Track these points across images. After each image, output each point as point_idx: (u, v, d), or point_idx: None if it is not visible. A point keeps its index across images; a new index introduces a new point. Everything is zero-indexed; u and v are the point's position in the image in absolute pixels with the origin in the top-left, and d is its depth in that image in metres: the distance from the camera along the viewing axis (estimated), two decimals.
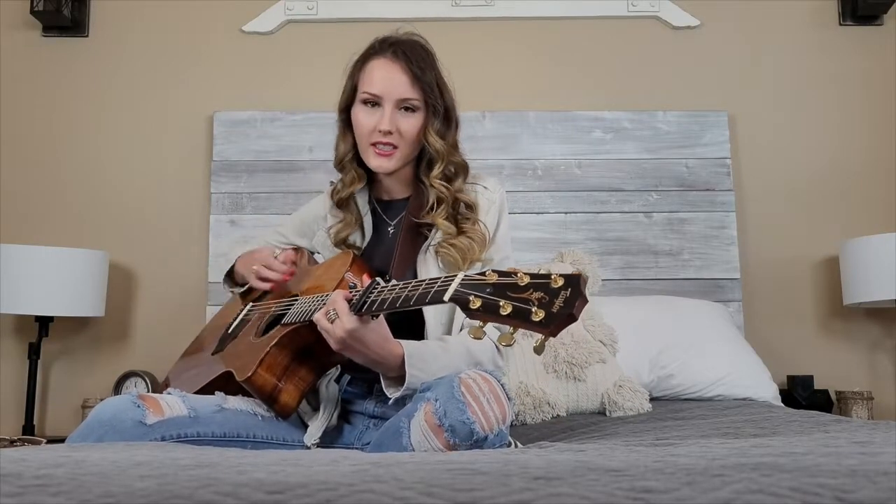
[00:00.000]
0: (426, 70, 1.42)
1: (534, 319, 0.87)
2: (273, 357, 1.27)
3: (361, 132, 1.44)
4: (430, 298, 1.00)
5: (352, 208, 1.51)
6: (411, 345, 1.24)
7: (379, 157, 1.42)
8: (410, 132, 1.42)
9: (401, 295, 1.06)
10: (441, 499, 0.57)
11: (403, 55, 1.42)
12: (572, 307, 0.86)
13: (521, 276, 0.91)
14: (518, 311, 0.89)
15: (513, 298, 0.90)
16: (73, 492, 0.59)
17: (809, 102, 2.71)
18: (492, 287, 0.93)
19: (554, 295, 0.87)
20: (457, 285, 0.97)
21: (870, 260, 2.33)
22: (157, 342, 2.53)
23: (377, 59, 1.43)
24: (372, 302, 1.11)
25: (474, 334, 0.94)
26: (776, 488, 0.57)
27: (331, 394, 1.36)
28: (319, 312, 1.19)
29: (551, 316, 0.86)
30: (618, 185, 2.62)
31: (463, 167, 1.47)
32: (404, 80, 1.41)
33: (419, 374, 1.20)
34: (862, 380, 2.54)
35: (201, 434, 1.24)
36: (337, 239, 1.50)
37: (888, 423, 1.39)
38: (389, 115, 1.40)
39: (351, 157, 1.49)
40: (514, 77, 2.72)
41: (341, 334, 1.15)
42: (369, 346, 1.19)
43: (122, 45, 2.75)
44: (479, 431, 1.07)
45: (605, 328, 2.12)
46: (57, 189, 2.66)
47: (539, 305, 0.88)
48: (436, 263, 1.40)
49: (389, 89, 1.40)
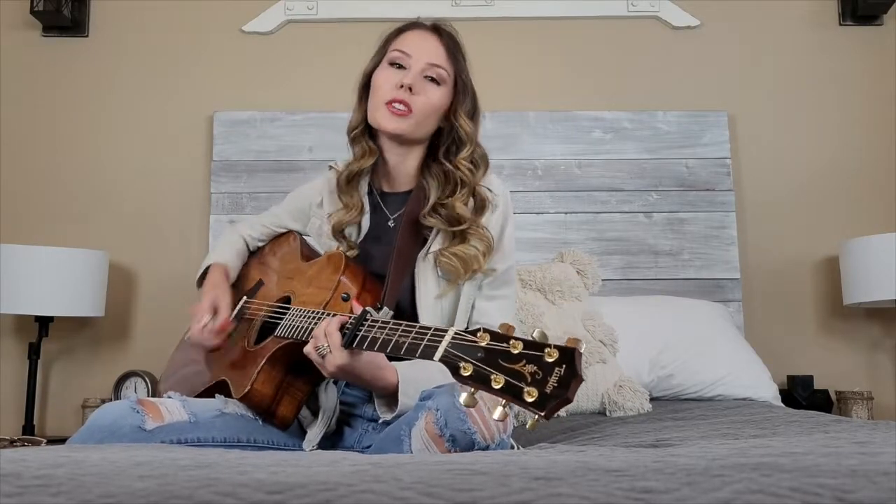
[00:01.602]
0: (459, 50, 1.42)
1: (527, 400, 0.82)
2: (267, 373, 1.26)
3: (379, 90, 1.37)
4: (420, 353, 0.97)
5: (357, 191, 1.44)
6: (407, 371, 1.22)
7: (391, 117, 1.35)
8: (431, 102, 1.37)
9: (391, 339, 1.04)
10: (441, 499, 0.57)
11: (444, 32, 1.42)
12: (567, 388, 0.81)
13: (514, 342, 0.86)
14: (510, 386, 0.84)
15: (505, 370, 0.85)
16: (73, 492, 0.59)
17: (809, 102, 2.71)
18: (483, 352, 0.88)
19: (548, 371, 0.82)
20: (447, 344, 0.93)
21: (870, 260, 2.33)
22: (157, 342, 2.52)
23: (415, 30, 1.43)
24: (363, 338, 1.09)
25: (467, 402, 0.88)
26: (776, 488, 0.57)
27: (329, 399, 1.34)
28: (311, 345, 1.17)
29: (545, 397, 0.82)
30: (618, 185, 2.62)
31: (485, 160, 1.43)
32: (440, 48, 1.39)
33: (411, 402, 1.18)
34: (862, 380, 2.54)
35: (202, 439, 1.24)
36: (338, 226, 1.43)
37: (888, 423, 1.39)
38: (415, 74, 1.36)
39: (361, 130, 1.43)
40: (514, 77, 2.72)
41: (333, 369, 1.14)
42: (363, 376, 1.18)
43: (122, 45, 2.75)
44: (480, 441, 1.06)
45: (605, 328, 2.12)
46: (57, 189, 2.66)
47: (531, 382, 0.83)
48: (434, 272, 1.36)
49: (421, 50, 1.38)
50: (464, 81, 1.41)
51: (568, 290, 2.17)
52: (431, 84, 1.38)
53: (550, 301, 2.15)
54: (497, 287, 1.41)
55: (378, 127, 1.39)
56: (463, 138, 1.39)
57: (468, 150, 1.39)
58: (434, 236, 1.39)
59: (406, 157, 1.43)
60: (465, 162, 1.38)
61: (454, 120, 1.39)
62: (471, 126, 1.40)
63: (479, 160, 1.42)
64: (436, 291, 1.36)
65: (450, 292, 1.37)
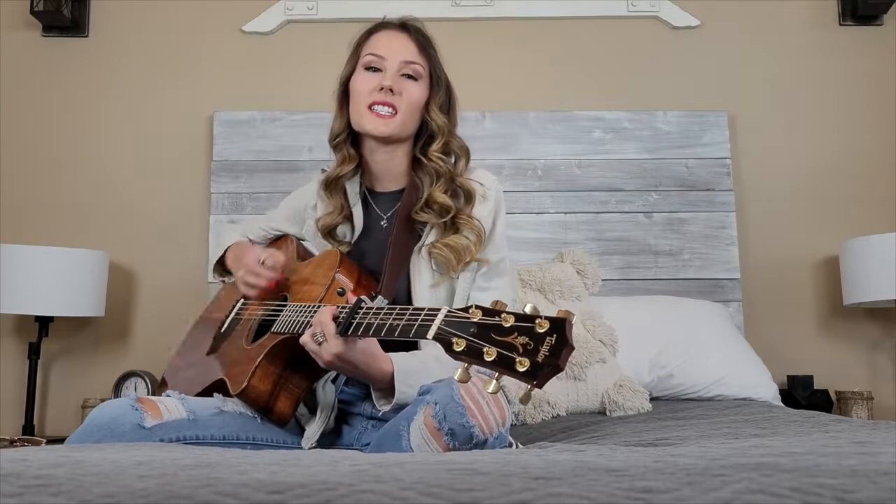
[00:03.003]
0: (430, 45, 1.44)
1: (518, 369, 0.83)
2: (264, 368, 1.27)
3: (359, 95, 1.39)
4: (414, 332, 0.98)
5: (340, 194, 1.46)
6: (402, 360, 1.22)
7: (376, 120, 1.37)
8: (413, 99, 1.39)
9: (385, 322, 1.05)
10: (441, 499, 0.57)
11: (411, 28, 1.44)
12: (558, 357, 0.82)
13: (506, 316, 0.87)
14: (502, 357, 0.85)
15: (497, 343, 0.86)
16: (73, 492, 0.59)
17: (809, 102, 2.71)
18: (476, 327, 0.89)
19: (539, 341, 0.83)
20: (440, 321, 0.94)
21: (870, 260, 2.33)
22: (157, 342, 2.52)
23: (384, 30, 1.44)
24: (358, 325, 1.10)
25: (461, 378, 0.89)
26: (776, 488, 0.57)
27: (327, 396, 1.35)
28: (307, 334, 1.17)
29: (536, 366, 0.82)
30: (618, 185, 2.62)
31: (464, 150, 1.44)
32: (411, 45, 1.41)
33: (409, 390, 1.19)
34: (862, 380, 2.54)
35: (200, 437, 1.24)
36: (325, 229, 1.45)
37: (888, 423, 1.39)
38: (392, 74, 1.38)
39: (345, 137, 1.45)
40: (514, 77, 2.72)
41: (329, 357, 1.15)
42: (358, 365, 1.18)
43: (122, 45, 2.75)
44: (478, 435, 1.07)
45: (605, 328, 2.12)
46: (57, 189, 2.66)
47: (524, 353, 0.84)
48: (429, 265, 1.38)
49: (394, 50, 1.40)
50: (437, 75, 1.43)
51: (568, 290, 2.17)
52: (409, 81, 1.40)
53: (550, 301, 2.15)
54: (490, 278, 1.42)
55: (365, 132, 1.40)
56: (435, 131, 1.42)
57: (440, 141, 1.41)
58: (428, 231, 1.40)
59: (393, 156, 1.44)
60: (436, 153, 1.40)
61: (427, 114, 1.41)
62: (442, 119, 1.41)
63: (456, 150, 1.44)
64: (430, 282, 1.38)
65: (444, 283, 1.38)
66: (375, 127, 1.38)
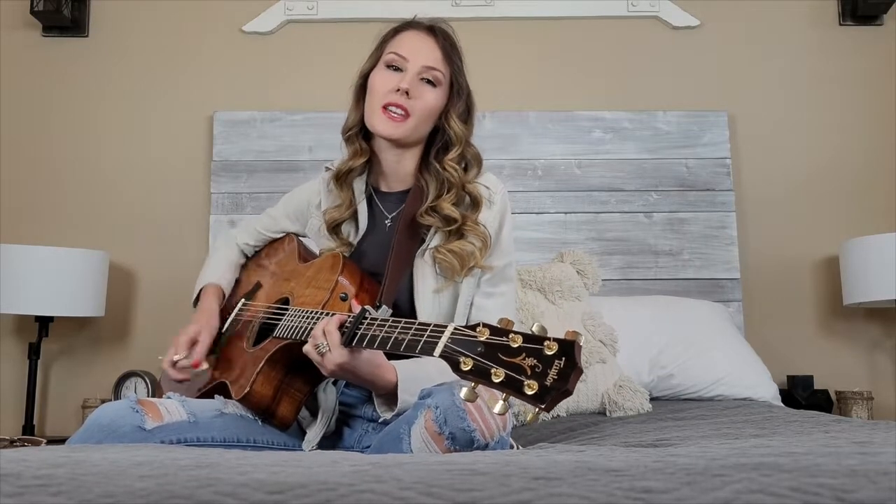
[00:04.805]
0: (456, 52, 1.42)
1: (527, 392, 0.82)
2: (266, 374, 1.27)
3: (376, 93, 1.38)
4: (420, 348, 0.97)
5: (349, 189, 1.45)
6: (405, 368, 1.22)
7: (387, 122, 1.36)
8: (427, 105, 1.37)
9: (391, 336, 1.04)
10: (441, 499, 0.57)
11: (440, 32, 1.42)
12: (566, 380, 0.81)
13: (514, 336, 0.86)
14: (511, 379, 0.84)
15: (505, 364, 0.85)
16: (73, 492, 0.59)
17: (809, 102, 2.71)
18: (483, 346, 0.88)
19: (547, 364, 0.82)
20: (447, 339, 0.93)
21: (870, 260, 2.33)
22: (157, 342, 2.50)
23: (411, 30, 1.42)
24: (362, 336, 1.09)
25: (467, 397, 0.87)
26: (776, 488, 0.57)
27: (329, 399, 1.34)
28: (309, 344, 1.17)
29: (545, 389, 0.82)
30: (618, 185, 2.62)
31: (477, 159, 1.43)
32: (436, 50, 1.39)
33: (412, 399, 1.18)
34: (862, 380, 2.54)
35: (201, 439, 1.24)
36: (331, 223, 1.44)
37: (888, 423, 1.39)
38: (411, 77, 1.36)
39: (357, 130, 1.44)
40: (514, 77, 2.72)
41: (333, 367, 1.14)
42: (361, 374, 1.18)
43: (122, 45, 2.75)
44: (479, 439, 1.07)
45: (605, 328, 2.12)
46: (57, 189, 2.66)
47: (532, 376, 0.83)
48: (433, 269, 1.36)
49: (417, 53, 1.38)
50: (459, 83, 1.41)
51: (568, 290, 2.17)
52: (428, 86, 1.38)
53: (550, 301, 2.15)
54: (495, 284, 1.41)
55: (375, 131, 1.40)
56: (452, 139, 1.40)
57: (456, 150, 1.40)
58: (432, 234, 1.39)
59: (402, 157, 1.43)
60: (451, 163, 1.39)
61: (445, 122, 1.40)
62: (461, 128, 1.40)
63: (470, 160, 1.43)
64: (434, 286, 1.37)
65: (448, 288, 1.37)
66: (385, 128, 1.37)
